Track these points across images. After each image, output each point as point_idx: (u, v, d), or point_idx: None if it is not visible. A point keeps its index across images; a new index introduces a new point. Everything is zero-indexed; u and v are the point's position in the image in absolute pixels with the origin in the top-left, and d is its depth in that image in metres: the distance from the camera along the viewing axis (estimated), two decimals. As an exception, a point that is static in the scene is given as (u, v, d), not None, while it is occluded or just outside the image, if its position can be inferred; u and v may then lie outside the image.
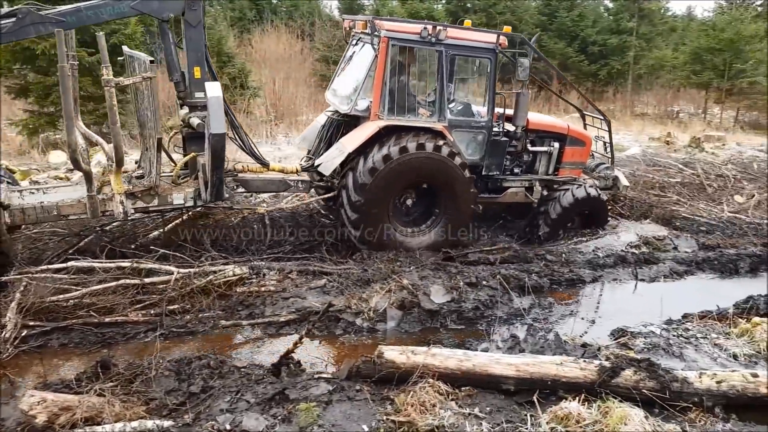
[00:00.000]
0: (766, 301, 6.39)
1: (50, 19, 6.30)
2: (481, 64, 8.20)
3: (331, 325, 6.06)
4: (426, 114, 7.80)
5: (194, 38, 6.88)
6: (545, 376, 4.78)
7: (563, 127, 8.87)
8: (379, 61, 7.23)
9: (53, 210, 6.63)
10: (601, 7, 26.45)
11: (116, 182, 6.56)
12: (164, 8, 6.72)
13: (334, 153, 7.50)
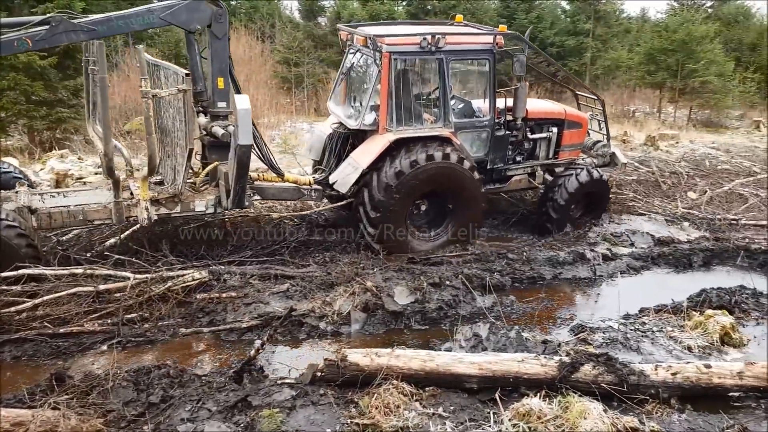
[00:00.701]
0: (719, 294, 6.60)
1: (82, 27, 6.47)
2: (480, 64, 8.38)
3: (295, 330, 6.01)
4: (431, 119, 8.02)
5: (219, 50, 7.08)
6: (507, 374, 4.84)
7: (560, 113, 9.14)
8: (383, 76, 7.41)
9: (79, 215, 6.78)
10: (558, 9, 26.94)
11: (143, 188, 6.76)
12: (192, 20, 6.92)
13: (348, 169, 7.67)
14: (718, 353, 5.54)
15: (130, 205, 6.88)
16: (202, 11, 6.92)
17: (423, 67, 8.11)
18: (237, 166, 6.67)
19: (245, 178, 6.93)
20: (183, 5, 6.87)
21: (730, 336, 5.71)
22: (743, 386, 4.80)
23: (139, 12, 6.79)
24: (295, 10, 26.42)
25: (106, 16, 6.71)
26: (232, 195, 7.00)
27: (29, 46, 6.43)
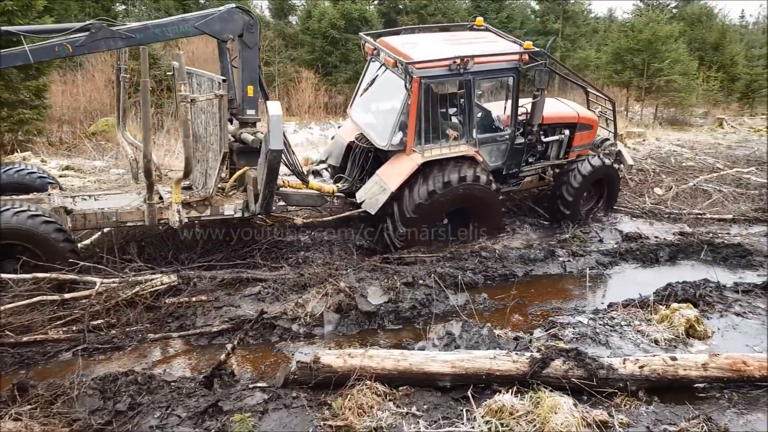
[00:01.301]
0: (684, 288, 6.74)
1: (120, 34, 6.71)
2: (506, 80, 8.57)
3: (267, 333, 5.96)
4: (454, 135, 8.17)
5: (250, 59, 7.31)
6: (480, 371, 4.87)
7: (573, 116, 9.43)
8: (413, 100, 7.61)
9: (113, 216, 6.92)
10: (528, 9, 27.29)
11: (176, 191, 6.88)
12: (225, 30, 7.15)
13: (376, 189, 7.84)
14: (683, 346, 5.65)
15: (162, 207, 7.01)
16: (234, 21, 7.15)
17: (450, 87, 8.37)
18: (267, 171, 6.84)
19: (274, 183, 7.14)
20: (217, 15, 7.10)
21: (695, 328, 5.84)
22: (708, 377, 4.90)
23: (175, 21, 7.06)
24: (266, 8, 26.25)
25: (143, 24, 6.99)
26: (261, 199, 7.17)
27: (69, 51, 6.61)
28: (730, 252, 8.12)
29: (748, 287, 6.97)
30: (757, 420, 4.54)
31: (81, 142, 12.02)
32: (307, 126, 18.42)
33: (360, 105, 8.89)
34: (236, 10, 7.22)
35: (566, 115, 9.46)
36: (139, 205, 7.07)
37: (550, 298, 7.07)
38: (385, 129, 8.04)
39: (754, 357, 5.06)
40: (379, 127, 8.31)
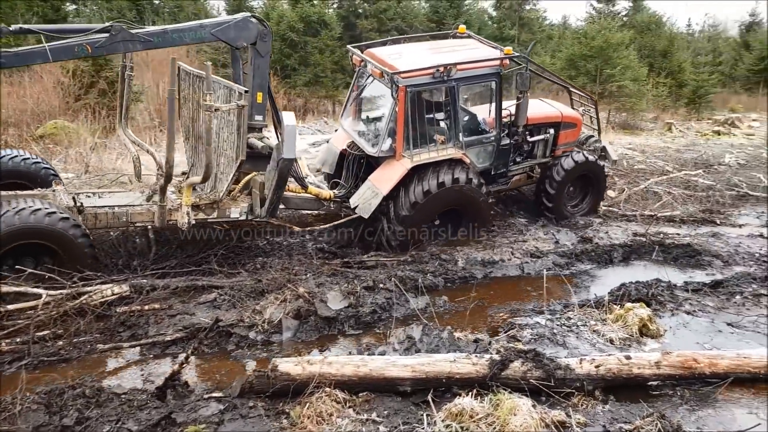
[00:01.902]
0: (637, 288, 6.90)
1: (139, 38, 6.82)
2: (489, 85, 8.89)
3: (223, 341, 5.81)
4: (441, 139, 8.48)
5: (261, 66, 7.51)
6: (440, 374, 4.86)
7: (557, 116, 9.78)
8: (399, 108, 7.91)
9: (123, 216, 7.04)
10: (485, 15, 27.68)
11: (187, 194, 7.06)
12: (239, 37, 7.33)
13: (368, 194, 8.09)
14: (637, 344, 5.78)
15: (171, 209, 7.12)
16: (249, 30, 7.34)
17: (436, 94, 8.68)
18: (278, 178, 7.09)
19: (283, 189, 7.40)
20: (233, 23, 7.28)
21: (648, 327, 5.97)
22: (660, 375, 5.02)
23: (192, 27, 7.24)
24: (223, 10, 25.86)
25: (162, 28, 7.15)
26: (268, 204, 7.40)
27: (89, 52, 6.70)
28: (680, 252, 8.37)
29: (697, 286, 7.20)
30: (707, 416, 4.68)
31: (28, 146, 11.57)
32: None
33: (350, 114, 9.20)
34: (251, 19, 7.40)
35: (550, 114, 9.81)
36: (150, 205, 7.22)
37: (508, 299, 7.13)
38: (375, 137, 8.40)
39: (704, 354, 5.22)
40: (369, 135, 8.63)
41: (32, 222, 6.03)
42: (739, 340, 5.98)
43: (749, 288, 7.16)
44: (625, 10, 31.45)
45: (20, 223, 5.99)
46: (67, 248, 6.26)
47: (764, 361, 5.14)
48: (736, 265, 8.06)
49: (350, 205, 8.25)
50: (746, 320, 6.37)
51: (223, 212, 7.46)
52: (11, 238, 5.99)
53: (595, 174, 9.80)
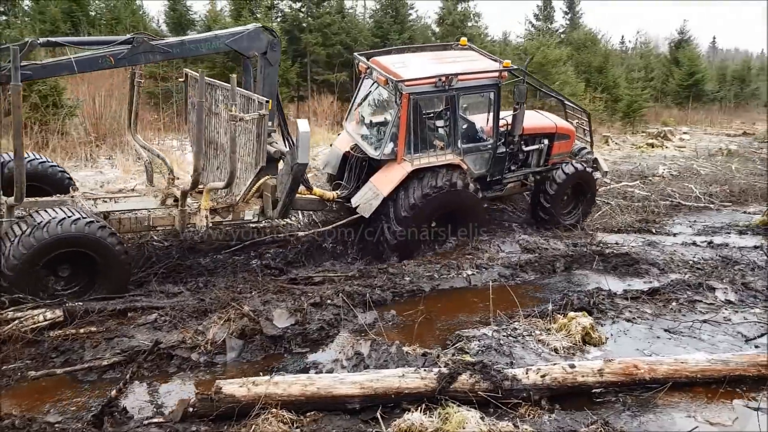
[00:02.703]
0: (579, 297, 7.08)
1: (159, 49, 7.10)
2: (487, 95, 9.30)
3: (164, 364, 5.58)
4: (440, 145, 8.88)
5: (271, 75, 7.88)
6: (389, 390, 4.83)
7: (551, 127, 10.24)
8: (402, 114, 8.31)
9: (145, 221, 7.24)
10: (429, 31, 28.10)
11: (206, 199, 7.33)
12: (251, 47, 7.69)
13: (370, 195, 8.45)
14: (580, 353, 5.91)
15: (190, 213, 7.36)
16: (260, 40, 7.71)
17: (437, 102, 9.24)
18: (291, 181, 7.49)
19: (295, 192, 7.80)
20: (245, 34, 7.64)
21: (591, 336, 6.12)
22: (603, 382, 5.14)
23: (208, 37, 7.65)
24: (163, 22, 25.32)
25: (179, 39, 7.59)
26: (281, 206, 7.76)
27: (111, 63, 6.92)
28: (619, 261, 8.63)
29: (636, 294, 7.43)
30: (649, 421, 4.81)
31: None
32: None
33: (354, 118, 9.62)
34: (262, 30, 7.76)
35: (545, 125, 10.27)
36: (170, 210, 7.45)
37: (456, 311, 7.17)
38: (378, 140, 8.80)
39: (644, 360, 5.38)
40: (372, 139, 9.02)
41: (73, 231, 6.17)
42: (676, 345, 6.20)
43: (684, 294, 7.45)
44: (562, 27, 32.65)
45: (62, 232, 6.11)
46: (106, 256, 6.41)
47: (700, 366, 5.35)
48: (671, 272, 8.37)
49: (351, 204, 8.59)
50: (682, 326, 6.62)
51: (237, 215, 7.72)
52: (53, 247, 6.13)
53: (587, 183, 10.31)
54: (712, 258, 9.11)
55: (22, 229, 6.09)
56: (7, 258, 6.00)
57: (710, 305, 7.20)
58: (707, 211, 12.22)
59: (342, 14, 25.28)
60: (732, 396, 5.21)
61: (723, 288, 7.64)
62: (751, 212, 12.17)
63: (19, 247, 5.99)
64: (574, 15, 32.80)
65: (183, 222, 7.31)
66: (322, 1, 24.97)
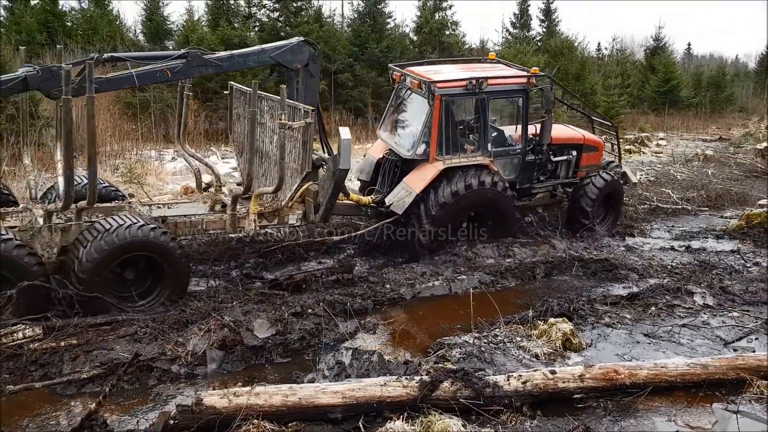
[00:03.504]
0: (559, 303, 7.14)
1: (211, 62, 7.60)
2: (515, 101, 9.65)
3: (143, 376, 5.52)
4: (471, 149, 9.13)
5: (311, 86, 8.32)
6: (371, 399, 4.81)
7: (579, 138, 10.50)
8: (434, 115, 8.63)
9: (199, 224, 7.58)
10: (407, 39, 28.25)
11: (254, 203, 7.69)
12: (294, 60, 8.16)
13: (403, 193, 8.74)
14: (561, 359, 5.95)
15: (239, 217, 7.67)
16: (303, 53, 8.19)
17: (467, 104, 9.51)
18: (334, 187, 7.72)
19: (337, 197, 8.00)
20: (289, 47, 8.15)
21: (571, 341, 6.17)
22: (584, 388, 5.18)
23: (255, 51, 8.17)
24: (140, 33, 25.14)
25: (229, 53, 8.03)
26: (323, 210, 7.96)
27: (168, 77, 7.38)
28: (599, 267, 8.73)
29: (615, 299, 7.52)
30: (629, 426, 4.86)
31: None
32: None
33: (387, 125, 9.99)
34: (304, 44, 8.25)
35: (573, 136, 10.55)
36: (222, 214, 7.79)
37: (437, 319, 7.19)
38: (411, 141, 9.09)
39: (624, 365, 5.43)
40: (405, 141, 9.33)
41: (140, 236, 6.48)
42: (656, 350, 6.28)
43: (663, 299, 7.55)
44: (539, 35, 33.04)
45: (130, 237, 6.42)
46: (170, 261, 6.72)
47: (680, 370, 5.41)
48: (650, 277, 8.49)
49: (386, 204, 8.93)
50: (661, 330, 6.71)
51: (282, 219, 8.01)
52: (122, 251, 6.45)
53: (617, 193, 10.54)
54: (690, 262, 9.25)
55: (93, 234, 6.37)
56: (81, 262, 6.27)
57: (689, 309, 7.31)
58: (685, 215, 12.41)
59: (320, 23, 25.30)
60: (711, 399, 5.28)
61: (701, 292, 7.76)
62: (727, 216, 12.40)
63: (92, 251, 6.28)
64: (550, 23, 33.21)
65: (234, 225, 7.63)
66: (300, 11, 24.99)
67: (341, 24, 29.15)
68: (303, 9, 25.15)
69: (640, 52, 38.49)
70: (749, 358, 5.66)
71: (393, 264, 8.96)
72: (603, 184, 10.11)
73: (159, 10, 24.70)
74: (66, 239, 6.62)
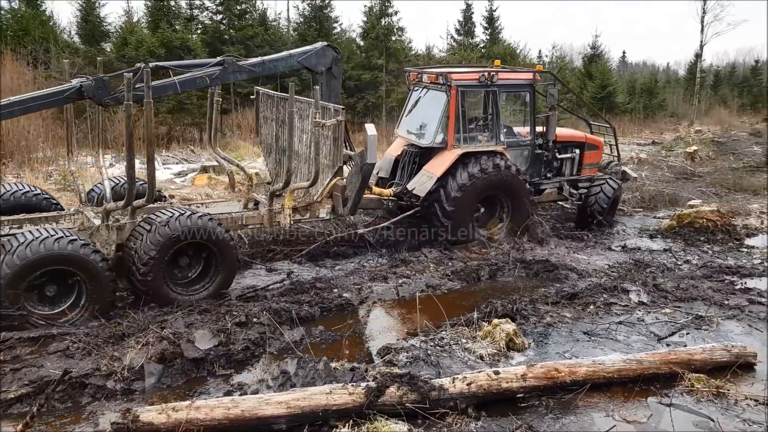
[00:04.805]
0: (503, 304, 7.26)
1: (245, 68, 8.26)
2: (522, 96, 10.79)
3: (76, 393, 5.25)
4: (485, 139, 9.95)
5: (335, 87, 9.06)
6: (316, 408, 4.75)
7: (582, 137, 11.51)
8: (451, 104, 9.50)
9: (239, 220, 8.05)
10: (354, 44, 28.28)
11: (289, 199, 8.16)
12: (319, 63, 8.88)
13: (424, 179, 9.51)
14: (505, 359, 6.03)
15: (275, 212, 8.19)
16: (327, 56, 8.92)
17: (481, 97, 10.37)
18: (361, 181, 8.16)
19: (364, 190, 8.48)
20: (314, 52, 8.85)
21: (514, 341, 6.27)
22: (527, 387, 5.27)
23: (284, 57, 8.82)
24: (75, 34, 24.20)
25: (260, 59, 8.63)
26: (351, 204, 8.40)
27: (207, 83, 7.93)
28: (540, 267, 8.94)
29: (556, 299, 7.70)
30: (570, 423, 4.97)
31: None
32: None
33: (405, 124, 10.73)
34: (328, 48, 8.97)
35: (575, 135, 11.58)
36: (260, 210, 8.28)
37: (385, 323, 7.19)
38: (429, 131, 9.86)
39: (564, 363, 5.56)
40: (424, 132, 10.06)
41: (193, 226, 7.01)
42: (594, 347, 6.46)
43: (601, 298, 7.79)
44: (482, 42, 33.71)
45: (181, 227, 6.93)
46: (225, 253, 7.28)
47: (617, 366, 5.58)
48: (589, 276, 8.74)
49: (407, 190, 9.65)
50: (599, 328, 6.91)
51: (313, 213, 8.47)
52: (177, 241, 6.92)
53: (618, 198, 11.77)
54: (626, 261, 9.60)
55: (147, 228, 6.87)
56: (140, 255, 6.76)
57: (625, 307, 7.56)
58: (620, 216, 12.86)
59: (265, 26, 25.03)
60: (647, 394, 5.47)
61: (636, 290, 8.05)
62: (660, 217, 12.92)
63: (149, 242, 6.77)
64: (493, 30, 33.95)
65: (271, 220, 8.14)
66: (244, 14, 24.66)
67: (287, 27, 28.92)
68: (247, 12, 24.83)
69: (578, 59, 39.82)
70: (681, 352, 5.90)
71: (342, 269, 8.91)
72: (612, 193, 11.19)
73: (95, 11, 23.88)
74: (121, 237, 7.10)
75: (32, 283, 6.25)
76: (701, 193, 15.12)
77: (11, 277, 6.00)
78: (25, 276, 6.11)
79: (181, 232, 6.92)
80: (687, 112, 40.28)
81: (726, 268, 9.25)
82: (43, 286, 6.37)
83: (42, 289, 6.38)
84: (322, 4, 26.29)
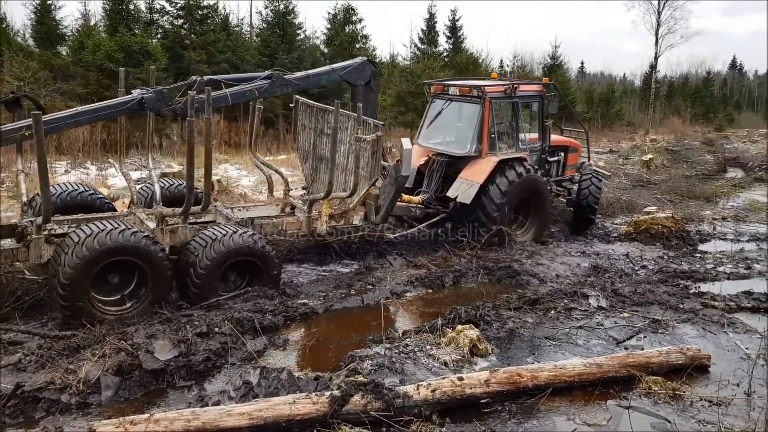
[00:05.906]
0: (466, 310, 7.31)
1: (291, 82, 8.72)
2: (531, 105, 11.48)
3: (29, 408, 5.05)
4: (507, 147, 10.71)
5: (372, 100, 9.48)
6: (279, 418, 4.69)
7: (566, 141, 12.53)
8: (485, 115, 10.20)
9: (280, 225, 8.50)
10: (318, 51, 28.27)
11: (326, 206, 8.59)
12: (359, 77, 9.36)
13: (465, 186, 10.02)
14: (469, 365, 6.06)
15: (313, 218, 8.58)
16: (366, 70, 9.41)
17: (505, 107, 10.86)
18: (395, 191, 8.61)
19: (396, 200, 8.91)
20: (354, 66, 9.34)
21: (478, 347, 6.31)
22: (490, 393, 5.30)
23: (326, 71, 9.40)
24: (29, 37, 23.50)
25: (305, 74, 9.17)
26: (384, 212, 8.77)
27: (256, 95, 8.39)
28: (503, 273, 9.04)
29: (518, 304, 7.80)
30: (533, 427, 5.02)
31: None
32: (81, 165, 16.64)
33: (427, 135, 11.30)
34: (367, 62, 9.45)
35: (561, 139, 12.50)
36: (299, 216, 8.72)
37: (349, 331, 7.13)
38: (464, 141, 10.48)
39: (526, 368, 5.62)
40: (457, 142, 10.73)
41: (241, 244, 7.37)
42: (555, 352, 6.56)
43: (561, 303, 7.92)
44: (446, 51, 34.12)
45: (233, 245, 7.30)
46: (267, 263, 7.59)
47: (577, 370, 5.68)
48: (550, 282, 8.90)
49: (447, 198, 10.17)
50: (560, 333, 7.02)
51: (348, 220, 8.85)
52: (230, 256, 7.31)
53: None
54: (585, 267, 9.79)
55: (203, 243, 7.26)
56: (198, 265, 7.16)
57: (585, 312, 7.70)
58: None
59: (227, 32, 24.80)
60: (606, 397, 5.57)
61: (595, 295, 8.22)
62: (617, 223, 13.25)
63: (211, 253, 7.17)
64: (456, 39, 34.39)
65: (309, 226, 8.53)
66: (206, 18, 24.37)
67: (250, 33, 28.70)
68: (209, 17, 24.54)
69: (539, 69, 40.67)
70: (638, 355, 6.05)
71: (306, 276, 8.85)
72: (600, 185, 12.14)
73: (50, 14, 23.25)
74: (174, 240, 7.48)
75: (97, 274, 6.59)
76: (657, 200, 15.60)
77: (81, 267, 6.37)
78: (93, 266, 6.46)
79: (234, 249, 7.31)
80: (643, 121, 41.58)
81: (681, 272, 9.54)
82: (105, 277, 6.74)
83: (104, 280, 6.76)
84: (286, 11, 26.19)
